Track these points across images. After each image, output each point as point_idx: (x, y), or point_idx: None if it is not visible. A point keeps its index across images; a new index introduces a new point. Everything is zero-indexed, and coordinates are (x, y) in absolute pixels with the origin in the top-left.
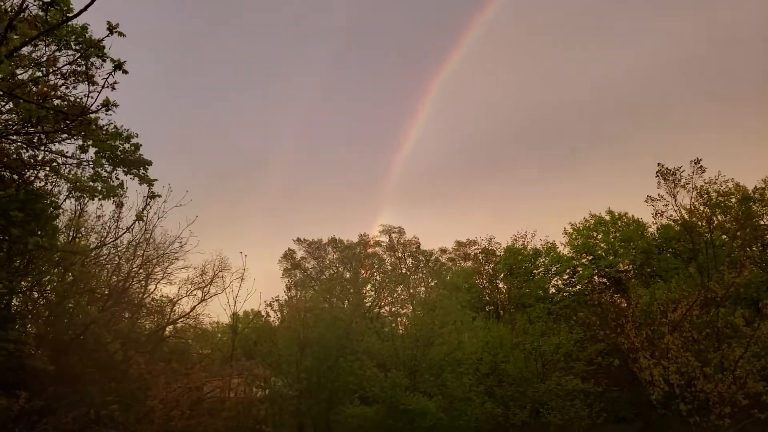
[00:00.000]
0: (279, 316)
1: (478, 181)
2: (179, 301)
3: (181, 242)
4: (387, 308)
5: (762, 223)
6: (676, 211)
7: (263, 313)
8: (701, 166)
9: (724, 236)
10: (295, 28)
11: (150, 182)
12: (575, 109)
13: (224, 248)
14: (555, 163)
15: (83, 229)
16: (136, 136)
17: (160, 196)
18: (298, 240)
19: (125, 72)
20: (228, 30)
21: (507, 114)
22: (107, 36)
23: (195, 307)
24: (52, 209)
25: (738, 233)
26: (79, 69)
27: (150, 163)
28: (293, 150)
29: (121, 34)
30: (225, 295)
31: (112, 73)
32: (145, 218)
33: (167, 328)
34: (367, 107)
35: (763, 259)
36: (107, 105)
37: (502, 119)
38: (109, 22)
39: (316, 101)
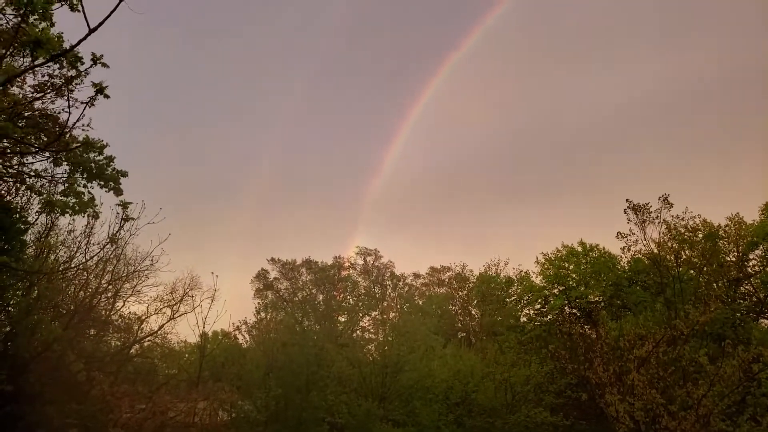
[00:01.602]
0: (248, 337)
1: (454, 207)
2: (147, 319)
3: (152, 260)
4: (359, 332)
5: (727, 259)
6: (645, 246)
7: (233, 334)
8: (669, 202)
9: (691, 271)
10: (273, 54)
11: (125, 205)
12: (551, 140)
13: (197, 267)
14: (530, 192)
15: (53, 242)
16: (108, 146)
17: (135, 219)
18: (272, 260)
19: (107, 96)
20: (205, 52)
21: (483, 142)
22: (91, 66)
23: (163, 325)
24: (21, 225)
25: (704, 269)
26: (56, 82)
27: (125, 174)
28: (270, 170)
29: (104, 65)
30: (194, 314)
31: (94, 97)
32: (118, 240)
33: (134, 347)
34: (344, 130)
35: (728, 294)
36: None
37: (478, 147)
38: (93, 54)
39: (293, 123)
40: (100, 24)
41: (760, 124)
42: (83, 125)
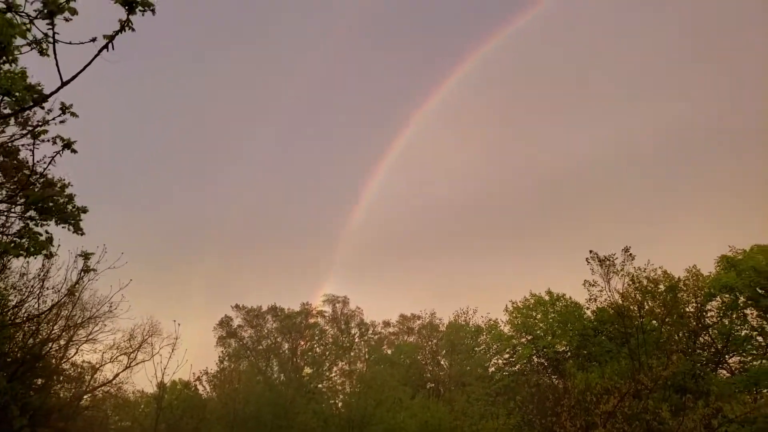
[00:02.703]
0: (209, 388)
1: (424, 254)
2: (102, 368)
3: (110, 306)
4: (326, 383)
5: (687, 310)
6: (609, 296)
7: (193, 384)
8: (631, 254)
9: (654, 321)
10: (242, 96)
11: (86, 256)
12: (523, 189)
13: (158, 313)
14: (501, 239)
15: (2, 286)
16: (70, 185)
17: (95, 270)
18: (237, 307)
19: (74, 152)
20: (171, 91)
21: (455, 190)
22: (60, 115)
23: (118, 374)
24: None
25: (666, 320)
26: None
27: (85, 210)
28: (238, 214)
29: (74, 114)
30: (153, 363)
31: (60, 152)
32: (77, 292)
33: (85, 397)
34: (316, 175)
35: (688, 345)
36: (53, 184)
37: (450, 195)
38: (62, 103)
39: (262, 166)
40: (73, 78)
41: (719, 175)
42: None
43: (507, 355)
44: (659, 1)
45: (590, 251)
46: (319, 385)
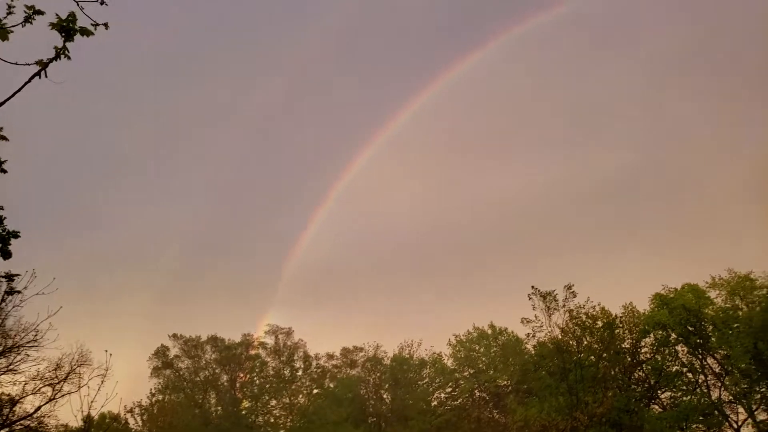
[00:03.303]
0: (140, 421)
1: (370, 286)
2: (22, 401)
3: (36, 334)
4: (265, 417)
5: (623, 346)
6: (550, 331)
7: (123, 417)
8: (573, 291)
9: (591, 357)
10: (189, 122)
11: (11, 277)
12: (466, 224)
13: (90, 343)
14: (445, 273)
15: None
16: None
17: (20, 292)
18: (174, 336)
19: (3, 171)
20: (118, 118)
21: (401, 224)
22: None
23: (41, 407)
24: None
25: (603, 355)
26: None
27: (16, 235)
28: (181, 241)
29: (4, 138)
30: (80, 395)
31: None
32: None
33: None
34: (262, 205)
35: (623, 381)
36: None
37: (396, 229)
38: None
39: (208, 195)
40: (6, 100)
41: (648, 219)
42: None
43: (449, 389)
44: (606, 54)
45: (532, 287)
46: (258, 419)
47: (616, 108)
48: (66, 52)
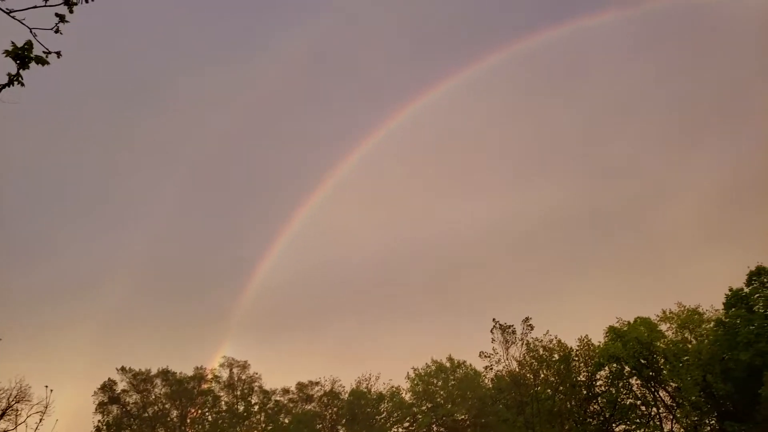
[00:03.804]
0: None
1: (327, 319)
2: None
3: None
4: None
5: (579, 379)
6: (507, 364)
7: None
8: (530, 325)
9: (548, 390)
10: (142, 152)
11: None
12: (424, 257)
13: (31, 377)
14: (403, 305)
15: None
16: None
17: None
18: (122, 369)
19: None
20: (65, 144)
21: (358, 256)
22: None
23: None
24: None
25: (559, 388)
26: None
27: None
28: (132, 271)
29: None
30: None
31: None
32: None
33: None
34: (219, 234)
35: (580, 414)
36: None
37: (354, 261)
38: None
39: (162, 224)
40: None
41: (601, 252)
42: None
43: (407, 424)
44: (552, 95)
45: (494, 319)
46: None
47: (565, 146)
48: (20, 79)
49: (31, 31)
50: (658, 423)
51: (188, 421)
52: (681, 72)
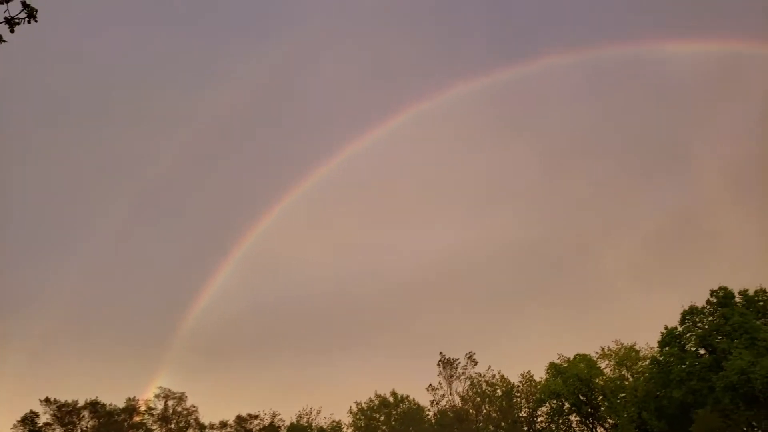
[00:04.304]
0: None
1: (270, 351)
2: None
3: None
4: None
5: (521, 415)
6: (450, 399)
7: None
8: (474, 359)
9: (490, 426)
10: (86, 185)
11: None
12: (372, 290)
13: None
14: (348, 339)
15: None
16: None
17: None
18: (47, 401)
19: None
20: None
21: (301, 289)
22: None
23: None
24: None
25: (502, 423)
26: None
27: None
28: (61, 298)
29: None
30: None
31: None
32: None
33: None
34: (159, 261)
35: None
36: None
37: (296, 294)
38: None
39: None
40: None
41: (549, 287)
42: None
43: None
44: (511, 134)
45: (441, 353)
46: None
47: (518, 181)
48: None
49: None
50: None
51: None
52: (633, 114)
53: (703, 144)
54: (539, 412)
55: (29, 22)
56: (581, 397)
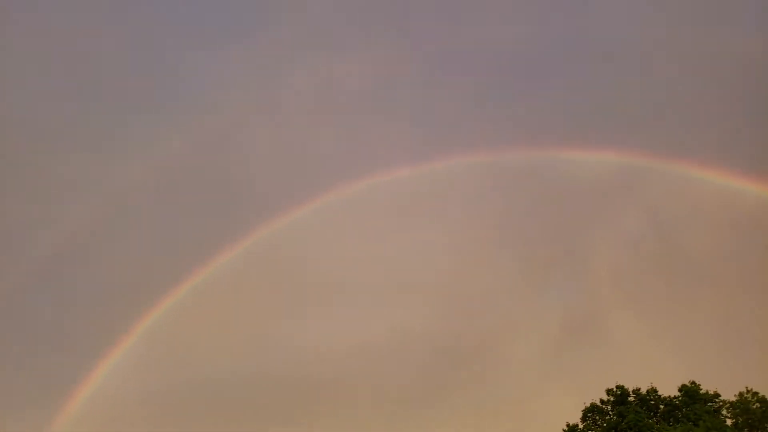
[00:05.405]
0: None
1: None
2: None
3: None
4: None
5: None
6: None
7: None
8: None
9: None
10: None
11: None
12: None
13: None
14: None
15: None
16: None
17: None
18: None
19: None
20: None
21: (216, 371)
22: None
23: None
24: None
25: None
26: None
27: None
28: None
29: None
30: None
31: None
32: None
33: None
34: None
35: None
36: None
37: (212, 375)
38: None
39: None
40: None
41: (450, 384)
42: None
43: None
44: (414, 221)
45: None
46: None
47: (425, 272)
48: None
49: None
50: None
51: None
52: (533, 215)
53: (598, 247)
54: None
55: None
56: None
